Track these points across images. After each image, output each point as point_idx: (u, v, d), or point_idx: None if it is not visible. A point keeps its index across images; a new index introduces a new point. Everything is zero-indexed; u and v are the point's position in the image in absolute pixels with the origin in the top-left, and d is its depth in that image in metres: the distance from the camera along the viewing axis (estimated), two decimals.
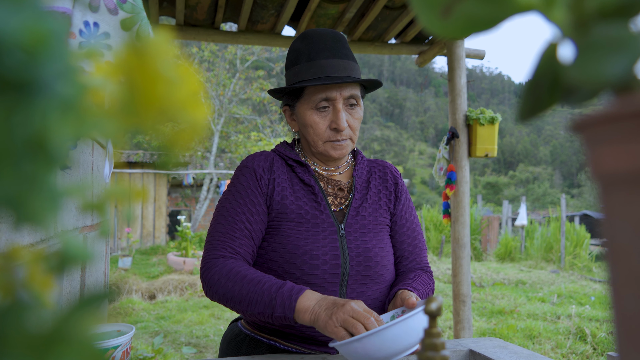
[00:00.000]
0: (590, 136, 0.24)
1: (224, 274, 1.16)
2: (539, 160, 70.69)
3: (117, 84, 0.17)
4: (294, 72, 1.32)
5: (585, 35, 0.24)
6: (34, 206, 0.17)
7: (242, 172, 1.32)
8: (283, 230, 1.26)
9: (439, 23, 0.30)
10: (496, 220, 13.53)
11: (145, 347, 3.86)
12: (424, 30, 3.38)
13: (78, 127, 0.15)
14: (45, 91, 0.15)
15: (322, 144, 1.31)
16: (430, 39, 3.55)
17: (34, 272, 0.22)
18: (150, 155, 13.35)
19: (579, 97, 0.25)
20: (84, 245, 0.19)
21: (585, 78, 0.22)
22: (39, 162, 0.16)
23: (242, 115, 15.59)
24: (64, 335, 0.15)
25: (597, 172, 0.24)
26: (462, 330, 3.22)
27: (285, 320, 1.09)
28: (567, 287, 7.34)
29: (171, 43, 0.21)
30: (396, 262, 1.39)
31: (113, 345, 1.02)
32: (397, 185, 1.42)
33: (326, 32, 1.33)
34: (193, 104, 0.22)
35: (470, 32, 0.29)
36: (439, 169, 3.41)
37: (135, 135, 0.23)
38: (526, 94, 0.27)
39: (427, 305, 0.61)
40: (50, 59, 0.15)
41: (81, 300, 0.17)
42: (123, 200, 0.24)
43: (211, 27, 3.22)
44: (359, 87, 1.32)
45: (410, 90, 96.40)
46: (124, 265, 8.58)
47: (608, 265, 0.23)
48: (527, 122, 0.28)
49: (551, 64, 0.26)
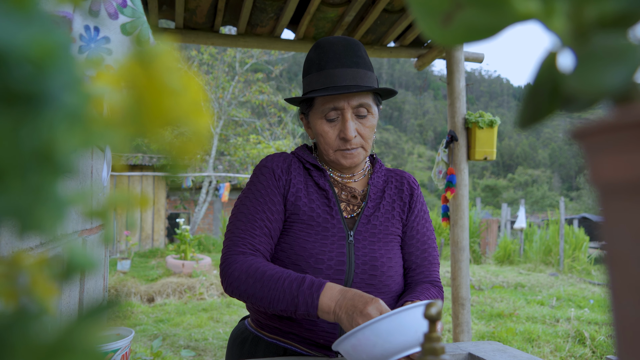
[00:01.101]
0: (589, 145, 0.24)
1: (244, 270, 1.17)
2: (538, 163, 70.76)
3: (122, 93, 0.18)
4: (306, 81, 1.33)
5: (584, 45, 0.24)
6: (40, 216, 0.17)
7: (261, 171, 1.33)
8: (293, 232, 1.27)
9: (439, 31, 0.30)
10: (495, 223, 13.54)
11: (144, 350, 3.86)
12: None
13: (85, 137, 0.16)
14: (53, 103, 0.15)
15: (332, 153, 1.32)
16: (429, 42, 3.56)
17: (37, 279, 0.22)
18: (149, 158, 13.34)
19: (578, 106, 0.25)
20: (87, 253, 0.19)
21: (585, 87, 0.22)
22: (46, 173, 0.16)
23: (241, 118, 15.60)
24: (69, 345, 0.15)
25: (596, 180, 0.24)
26: (461, 334, 3.22)
27: (309, 316, 1.11)
28: (566, 290, 7.34)
29: (174, 51, 0.21)
30: (405, 273, 1.38)
31: (112, 349, 1.02)
32: (413, 196, 1.42)
33: (338, 40, 1.32)
34: (196, 113, 0.22)
35: (470, 40, 0.30)
36: (438, 172, 3.41)
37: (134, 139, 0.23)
38: (526, 101, 0.27)
39: (427, 309, 0.61)
40: (57, 71, 0.15)
41: (86, 309, 0.17)
42: (124, 206, 0.24)
43: (210, 30, 3.23)
44: (370, 95, 1.31)
45: (409, 93, 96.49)
46: (122, 268, 8.57)
47: (607, 272, 0.23)
48: (526, 129, 0.28)
49: (551, 72, 0.26)
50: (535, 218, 20.62)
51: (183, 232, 9.03)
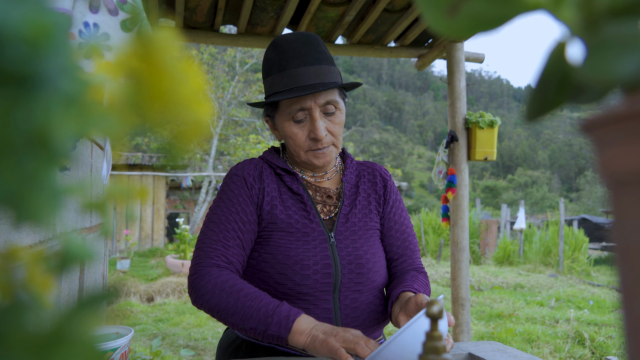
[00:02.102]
0: (600, 136, 0.24)
1: (219, 285, 1.14)
2: (538, 164, 70.78)
3: (121, 80, 0.17)
4: (268, 83, 1.29)
5: (595, 34, 0.23)
6: (35, 204, 0.17)
7: (232, 180, 1.30)
8: (273, 241, 1.24)
9: (444, 22, 0.29)
10: (495, 224, 13.53)
11: (144, 350, 3.85)
12: (429, 28, 3.38)
13: (81, 123, 0.15)
14: (48, 86, 0.14)
15: (304, 154, 1.29)
16: (430, 42, 3.55)
17: (33, 273, 0.22)
18: (149, 157, 13.33)
19: (589, 97, 0.24)
20: (84, 244, 0.19)
21: (597, 77, 0.22)
22: (41, 159, 0.16)
23: (241, 117, 15.58)
24: (65, 337, 0.15)
25: (607, 173, 0.23)
26: (461, 334, 3.22)
27: (277, 340, 1.08)
28: (565, 291, 7.33)
29: (174, 39, 0.20)
30: (388, 264, 1.38)
31: (111, 348, 1.01)
32: (386, 187, 1.41)
33: (295, 36, 1.28)
34: (197, 101, 0.22)
35: (477, 32, 0.29)
36: (438, 172, 3.41)
37: (134, 137, 0.23)
38: (534, 94, 0.27)
39: (429, 308, 0.61)
40: (53, 53, 0.14)
41: (81, 301, 0.17)
42: (123, 200, 0.24)
43: (210, 29, 3.22)
44: (336, 91, 1.29)
45: (409, 94, 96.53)
46: (122, 268, 8.56)
47: (618, 268, 0.23)
48: (534, 123, 0.27)
49: (559, 63, 0.26)
50: (535, 219, 20.62)
51: (183, 231, 9.03)
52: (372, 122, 79.54)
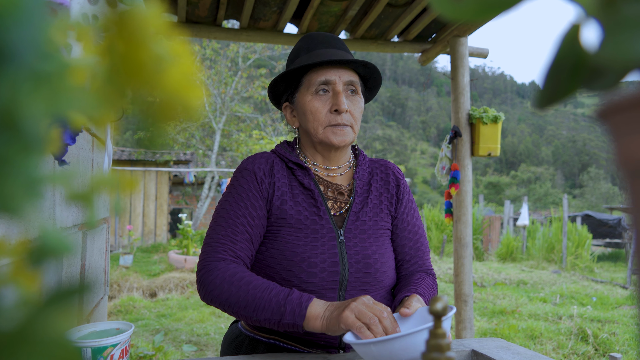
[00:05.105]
0: (617, 124, 0.22)
1: (227, 279, 1.14)
2: (541, 160, 70.59)
3: (99, 55, 0.16)
4: (293, 65, 1.32)
5: (612, 14, 0.22)
6: (6, 192, 0.15)
7: (242, 174, 1.29)
8: (282, 236, 1.23)
9: (452, 6, 0.28)
10: (498, 220, 13.51)
11: (146, 345, 3.85)
12: (439, 17, 3.35)
13: (53, 102, 0.14)
14: (14, 60, 0.13)
15: (322, 130, 1.28)
16: (434, 36, 3.52)
17: (15, 268, 0.21)
18: (152, 153, 13.34)
19: (605, 82, 0.23)
20: (62, 238, 0.17)
21: (614, 59, 0.20)
22: (11, 142, 0.15)
23: (243, 113, 15.57)
24: (33, 334, 0.13)
25: (624, 162, 0.22)
26: (463, 330, 3.21)
27: (293, 327, 1.08)
28: (568, 288, 7.31)
29: (161, 17, 0.19)
30: (398, 265, 1.36)
31: (112, 344, 1.00)
32: (399, 187, 1.39)
33: (326, 33, 1.38)
34: (187, 85, 0.20)
35: (485, 15, 0.27)
36: (442, 167, 3.39)
37: (134, 133, 0.21)
38: (546, 80, 0.25)
39: (432, 305, 0.59)
40: (21, 24, 0.13)
41: (52, 295, 0.15)
42: (111, 188, 0.22)
43: (213, 24, 3.20)
44: (358, 78, 1.32)
45: (412, 90, 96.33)
46: (125, 263, 8.58)
47: (636, 260, 0.21)
48: (546, 110, 0.26)
49: (573, 46, 0.24)
50: (538, 215, 20.57)
51: (185, 227, 9.04)
52: (375, 117, 79.44)
